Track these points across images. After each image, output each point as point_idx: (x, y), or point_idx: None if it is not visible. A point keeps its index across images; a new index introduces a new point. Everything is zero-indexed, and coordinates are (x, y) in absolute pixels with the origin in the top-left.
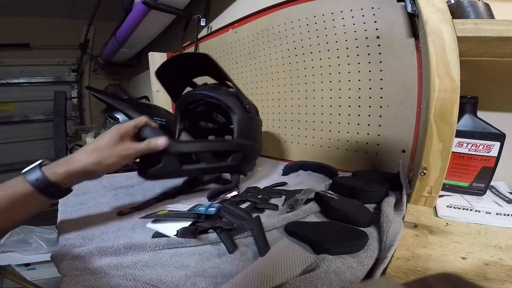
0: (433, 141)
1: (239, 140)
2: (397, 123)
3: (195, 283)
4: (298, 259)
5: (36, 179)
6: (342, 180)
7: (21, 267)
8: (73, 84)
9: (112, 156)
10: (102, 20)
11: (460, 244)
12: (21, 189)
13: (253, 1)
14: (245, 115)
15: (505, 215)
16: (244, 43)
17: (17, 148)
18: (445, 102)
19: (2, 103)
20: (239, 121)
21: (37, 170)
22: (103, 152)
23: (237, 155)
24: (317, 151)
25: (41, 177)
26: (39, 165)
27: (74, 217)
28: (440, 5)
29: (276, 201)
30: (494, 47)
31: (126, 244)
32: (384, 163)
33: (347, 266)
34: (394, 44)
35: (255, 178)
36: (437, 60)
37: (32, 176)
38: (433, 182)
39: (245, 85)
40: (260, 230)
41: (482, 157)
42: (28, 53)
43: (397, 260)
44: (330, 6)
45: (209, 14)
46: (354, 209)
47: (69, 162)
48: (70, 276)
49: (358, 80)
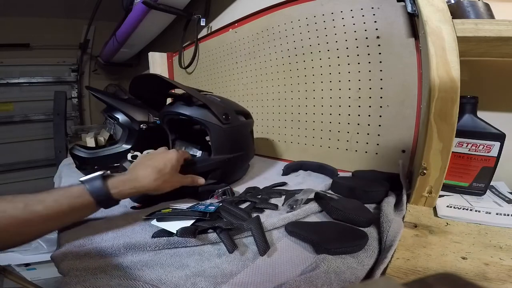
0: (433, 141)
1: (216, 157)
2: (397, 123)
3: (195, 283)
4: (298, 259)
5: (101, 195)
6: (342, 180)
7: (21, 267)
8: (73, 84)
9: (169, 185)
10: (102, 20)
11: (460, 244)
12: (85, 201)
13: (253, 1)
14: (221, 129)
15: (505, 215)
16: (244, 43)
17: (17, 148)
18: (445, 102)
19: (2, 103)
20: (215, 137)
21: (101, 184)
22: (166, 179)
23: (215, 173)
24: (317, 151)
25: (106, 193)
26: (102, 177)
27: None
28: (440, 5)
29: (276, 201)
30: (494, 47)
31: (126, 244)
32: (384, 163)
33: (347, 266)
34: (394, 44)
35: (255, 178)
36: (437, 60)
37: (98, 191)
38: (433, 182)
39: (245, 85)
40: (260, 230)
41: (482, 157)
42: (28, 53)
43: (397, 260)
44: (330, 6)
45: (209, 14)
46: (354, 209)
47: (134, 182)
48: (70, 276)
49: (358, 80)
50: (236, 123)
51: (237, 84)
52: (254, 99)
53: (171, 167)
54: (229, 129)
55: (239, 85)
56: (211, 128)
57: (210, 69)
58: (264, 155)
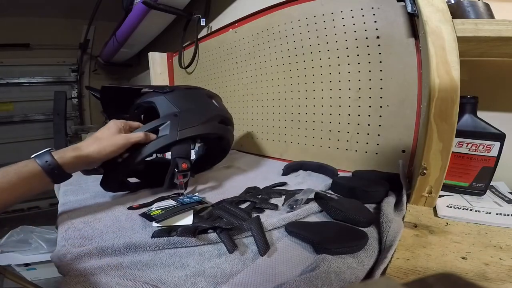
0: (433, 141)
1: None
2: (397, 123)
3: (195, 283)
4: (298, 259)
5: (46, 161)
6: (342, 180)
7: (21, 267)
8: (73, 84)
9: (110, 145)
10: (102, 20)
11: (460, 244)
12: (31, 168)
13: (253, 1)
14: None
15: (505, 215)
16: (244, 43)
17: (17, 148)
18: (445, 102)
19: (2, 103)
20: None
21: (47, 154)
22: (102, 142)
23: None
24: (317, 151)
25: (50, 159)
26: (48, 151)
27: (74, 217)
28: (440, 5)
29: (276, 201)
30: (494, 47)
31: (126, 244)
32: (384, 163)
33: (347, 266)
34: (394, 44)
35: (255, 178)
36: (437, 60)
37: (43, 158)
38: (433, 182)
39: (245, 85)
40: (260, 230)
41: (482, 157)
42: (28, 53)
43: (397, 260)
44: (330, 6)
45: (209, 14)
46: (354, 209)
47: (76, 149)
48: (70, 276)
49: (358, 80)
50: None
51: (237, 84)
52: (254, 99)
53: (109, 129)
54: (171, 93)
55: (239, 85)
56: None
57: (210, 69)
58: (264, 155)
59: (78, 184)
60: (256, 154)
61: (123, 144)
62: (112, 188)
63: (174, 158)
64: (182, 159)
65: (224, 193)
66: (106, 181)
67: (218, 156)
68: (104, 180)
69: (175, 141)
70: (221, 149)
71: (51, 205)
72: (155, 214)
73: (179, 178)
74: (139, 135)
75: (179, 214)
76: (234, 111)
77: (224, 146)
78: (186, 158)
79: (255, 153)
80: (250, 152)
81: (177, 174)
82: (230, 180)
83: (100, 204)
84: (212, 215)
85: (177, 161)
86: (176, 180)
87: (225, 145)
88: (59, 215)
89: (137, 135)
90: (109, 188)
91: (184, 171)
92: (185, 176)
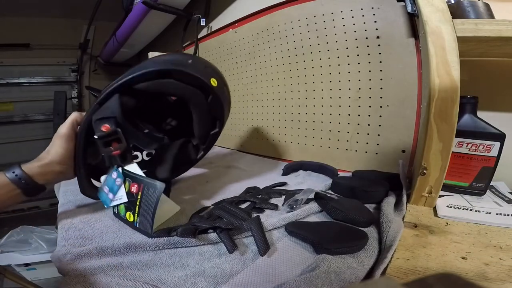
0: (433, 141)
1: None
2: (397, 123)
3: (195, 283)
4: (298, 259)
5: (13, 171)
6: (342, 180)
7: (21, 267)
8: (73, 84)
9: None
10: (102, 20)
11: (460, 244)
12: (0, 180)
13: (253, 1)
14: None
15: (505, 215)
16: (244, 43)
17: (17, 148)
18: (445, 102)
19: (2, 103)
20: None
21: (15, 166)
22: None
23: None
24: (317, 151)
25: (18, 171)
26: (18, 163)
27: (74, 217)
28: (440, 5)
29: (276, 201)
30: (494, 47)
31: (126, 244)
32: (384, 163)
33: (347, 266)
34: (394, 44)
35: (255, 178)
36: (437, 60)
37: (10, 171)
38: (433, 182)
39: (245, 85)
40: (260, 230)
41: (482, 157)
42: (28, 53)
43: (397, 260)
44: (330, 6)
45: (209, 14)
46: (354, 209)
47: (39, 158)
48: (70, 276)
49: (358, 80)
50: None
51: (237, 84)
52: (254, 99)
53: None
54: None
55: (239, 85)
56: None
57: None
58: (264, 155)
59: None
60: (256, 154)
61: (63, 133)
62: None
63: (94, 122)
64: (99, 121)
65: (224, 193)
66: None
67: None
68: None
69: (97, 103)
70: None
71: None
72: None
73: (112, 146)
74: (72, 115)
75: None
76: (234, 111)
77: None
78: (105, 119)
79: (255, 153)
80: (250, 152)
81: (99, 142)
82: (230, 180)
83: (100, 204)
84: (212, 215)
85: (96, 125)
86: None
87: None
88: (59, 215)
89: (70, 117)
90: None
91: (107, 136)
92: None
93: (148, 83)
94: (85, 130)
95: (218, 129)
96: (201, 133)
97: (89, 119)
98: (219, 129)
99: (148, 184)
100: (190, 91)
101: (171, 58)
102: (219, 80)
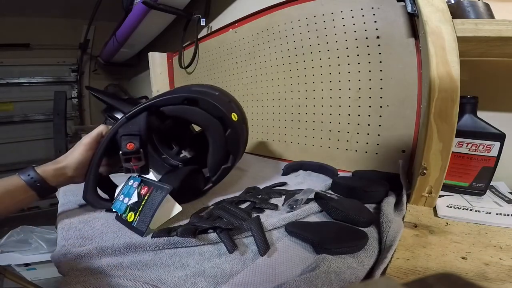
0: (433, 141)
1: None
2: (397, 123)
3: (195, 283)
4: (298, 259)
5: (28, 174)
6: (342, 180)
7: (21, 267)
8: (73, 84)
9: (77, 148)
10: (102, 20)
11: (460, 244)
12: (15, 182)
13: (253, 1)
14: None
15: (505, 215)
16: (244, 43)
17: (17, 148)
18: (445, 102)
19: (2, 103)
20: None
21: (30, 169)
22: (74, 148)
23: None
24: (317, 151)
25: (32, 173)
26: (32, 167)
27: (74, 217)
28: (440, 5)
29: (276, 201)
30: (494, 47)
31: (126, 244)
32: (384, 163)
33: (347, 266)
34: (394, 44)
35: (255, 178)
36: (437, 60)
37: (26, 173)
38: (433, 182)
39: (245, 85)
40: (260, 230)
41: (482, 157)
42: (28, 53)
43: (397, 260)
44: (330, 6)
45: (209, 14)
46: (354, 209)
47: (55, 162)
48: (70, 276)
49: (358, 80)
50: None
51: (237, 84)
52: (254, 99)
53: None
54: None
55: (239, 85)
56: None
57: (210, 69)
58: (264, 155)
59: (78, 184)
60: (256, 154)
61: (87, 142)
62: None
63: (120, 137)
64: (127, 137)
65: (224, 193)
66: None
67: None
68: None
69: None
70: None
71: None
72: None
73: (132, 162)
74: (99, 127)
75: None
76: None
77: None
78: (132, 136)
79: (255, 153)
80: (250, 152)
81: (122, 157)
82: (230, 180)
83: None
84: (212, 215)
85: (121, 141)
86: (128, 164)
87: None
88: (59, 215)
89: (97, 128)
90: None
91: (130, 154)
92: (138, 160)
93: (175, 106)
94: (109, 140)
95: (231, 164)
96: (214, 164)
97: (115, 130)
98: (231, 165)
99: (157, 187)
100: (211, 121)
101: (200, 88)
102: (239, 116)
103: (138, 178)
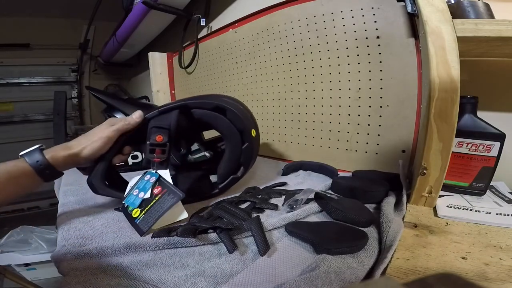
0: (433, 141)
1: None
2: (397, 123)
3: (195, 283)
4: (298, 259)
5: (37, 161)
6: (342, 180)
7: (21, 267)
8: (73, 84)
9: (97, 139)
10: (102, 20)
11: (460, 244)
12: (21, 168)
13: (253, 1)
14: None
15: (505, 215)
16: (244, 43)
17: (17, 148)
18: (445, 102)
19: (2, 103)
20: None
21: (37, 153)
22: (91, 137)
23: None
24: (317, 151)
25: (41, 159)
26: (39, 149)
27: (74, 217)
28: (440, 5)
29: (276, 201)
30: (494, 47)
31: (126, 244)
32: (384, 163)
33: (347, 266)
34: (394, 44)
35: (255, 178)
36: (437, 60)
37: (33, 158)
38: (433, 182)
39: (245, 85)
40: (260, 230)
41: (482, 157)
42: (28, 53)
43: (397, 260)
44: (330, 6)
45: (209, 14)
46: (354, 209)
47: (67, 148)
48: (70, 276)
49: (358, 80)
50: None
51: (237, 84)
52: (254, 99)
53: (100, 125)
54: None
55: (239, 85)
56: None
57: (210, 69)
58: (264, 155)
59: (78, 184)
60: None
61: (109, 135)
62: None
63: (151, 128)
64: (157, 129)
65: (224, 193)
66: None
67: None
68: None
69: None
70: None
71: (51, 205)
72: (136, 216)
73: (156, 153)
74: (125, 120)
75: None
76: None
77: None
78: (162, 129)
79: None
80: None
81: (148, 147)
82: None
83: (100, 204)
84: (212, 215)
85: (151, 132)
86: (151, 155)
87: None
88: (59, 215)
89: (122, 122)
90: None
91: (157, 145)
92: (162, 152)
93: (204, 111)
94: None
95: (240, 175)
96: (225, 172)
97: (147, 120)
98: (240, 176)
99: (171, 190)
100: (233, 132)
101: (229, 99)
102: (257, 134)
103: (156, 174)
